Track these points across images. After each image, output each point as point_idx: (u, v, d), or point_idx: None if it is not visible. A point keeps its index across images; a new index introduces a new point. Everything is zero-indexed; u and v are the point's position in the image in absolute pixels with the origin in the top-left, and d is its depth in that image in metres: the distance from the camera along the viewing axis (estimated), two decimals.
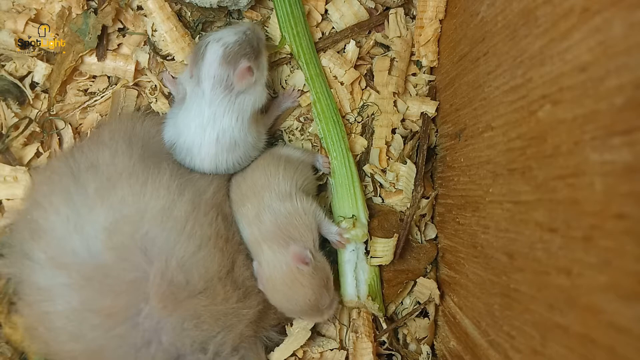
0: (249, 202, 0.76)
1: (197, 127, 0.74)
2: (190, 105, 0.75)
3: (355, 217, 0.81)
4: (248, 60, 0.73)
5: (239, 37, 0.74)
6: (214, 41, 0.73)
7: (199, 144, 0.74)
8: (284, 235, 0.73)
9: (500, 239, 0.61)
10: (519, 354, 0.55)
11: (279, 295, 0.73)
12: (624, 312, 0.40)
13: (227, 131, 0.74)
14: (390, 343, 0.83)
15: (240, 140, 0.76)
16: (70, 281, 0.63)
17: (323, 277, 0.73)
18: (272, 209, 0.75)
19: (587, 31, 0.44)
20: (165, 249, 0.65)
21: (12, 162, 0.79)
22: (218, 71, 0.72)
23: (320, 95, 0.84)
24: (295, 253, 0.71)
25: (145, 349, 0.64)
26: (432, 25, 0.86)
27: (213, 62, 0.72)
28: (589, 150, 0.44)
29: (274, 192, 0.76)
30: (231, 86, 0.73)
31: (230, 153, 0.76)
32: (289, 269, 0.71)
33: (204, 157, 0.75)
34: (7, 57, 0.81)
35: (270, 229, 0.74)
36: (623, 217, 0.40)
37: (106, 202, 0.65)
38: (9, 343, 0.74)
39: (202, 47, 0.73)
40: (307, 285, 0.71)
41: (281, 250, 0.72)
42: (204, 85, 0.73)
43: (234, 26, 0.79)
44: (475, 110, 0.71)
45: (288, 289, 0.72)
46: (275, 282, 0.72)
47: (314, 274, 0.71)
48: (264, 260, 0.73)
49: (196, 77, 0.73)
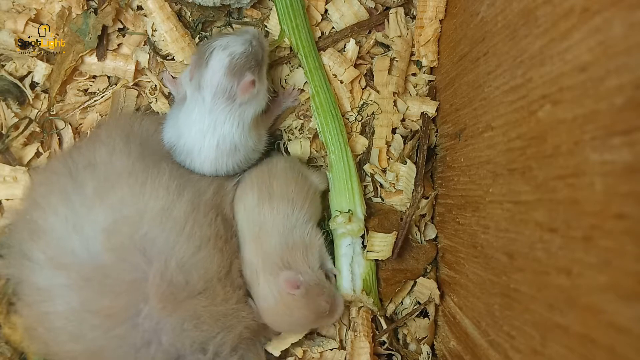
0: (263, 221, 0.75)
1: (197, 132, 0.73)
2: (190, 109, 0.74)
3: (352, 211, 0.81)
4: (252, 73, 0.72)
5: (246, 47, 0.72)
6: (220, 48, 0.71)
7: (199, 148, 0.74)
8: (280, 263, 0.73)
9: (500, 239, 0.61)
10: (519, 354, 0.55)
11: (280, 323, 0.74)
12: (624, 312, 0.40)
13: (228, 137, 0.74)
14: (390, 343, 0.83)
15: (240, 145, 0.76)
16: (69, 282, 0.63)
17: (318, 292, 0.73)
18: (278, 235, 0.74)
19: (587, 31, 0.44)
20: (164, 250, 0.65)
21: (12, 162, 0.79)
22: (222, 81, 0.71)
23: (319, 89, 0.84)
24: (286, 280, 0.71)
25: (145, 350, 0.63)
26: (432, 25, 0.86)
27: (217, 71, 0.71)
28: (589, 150, 0.44)
29: (284, 219, 0.75)
30: (233, 97, 0.72)
31: (230, 157, 0.76)
32: (281, 296, 0.71)
33: (204, 161, 0.75)
34: (7, 57, 0.81)
35: (269, 251, 0.73)
36: (623, 217, 0.40)
37: (105, 202, 0.65)
38: (8, 343, 0.74)
39: (207, 52, 0.72)
40: (302, 307, 0.72)
41: (273, 280, 0.72)
42: (204, 93, 0.72)
43: (240, 33, 0.76)
44: (475, 110, 0.71)
45: (286, 316, 0.73)
46: (272, 313, 0.73)
47: (307, 295, 0.72)
48: (259, 293, 0.73)
49: (197, 81, 0.72)
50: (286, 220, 0.75)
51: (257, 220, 0.75)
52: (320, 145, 0.86)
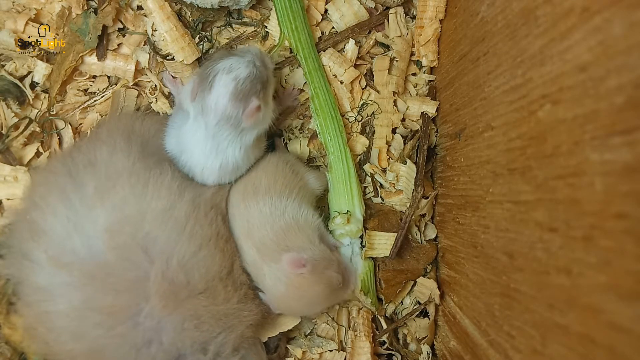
0: (250, 214, 0.74)
1: (200, 153, 0.73)
2: (193, 130, 0.73)
3: (350, 212, 0.81)
4: (258, 97, 0.70)
5: (250, 70, 0.69)
6: (224, 72, 0.69)
7: (202, 168, 0.74)
8: (278, 248, 0.71)
9: (500, 239, 0.61)
10: (519, 353, 0.55)
11: (296, 307, 0.73)
12: (624, 312, 0.40)
13: (231, 160, 0.73)
14: (390, 343, 0.83)
15: (242, 164, 0.76)
16: (71, 279, 0.63)
17: (326, 265, 0.71)
18: (267, 222, 0.73)
19: (587, 31, 0.44)
20: (166, 249, 0.65)
21: (12, 162, 0.79)
22: (227, 108, 0.69)
23: (318, 90, 0.84)
24: (289, 260, 0.70)
25: (146, 349, 0.64)
26: (432, 25, 0.86)
27: (222, 97, 0.68)
28: (589, 150, 0.44)
29: (271, 208, 0.74)
30: (238, 123, 0.70)
31: (233, 174, 0.76)
32: (290, 280, 0.70)
33: (207, 177, 0.75)
34: (7, 57, 0.81)
35: (264, 241, 0.72)
36: (623, 217, 0.40)
37: (107, 202, 0.65)
38: (8, 343, 0.74)
39: (211, 76, 0.69)
40: (314, 284, 0.70)
41: (277, 266, 0.71)
42: (208, 118, 0.70)
43: (241, 53, 0.73)
44: (475, 110, 0.71)
45: (300, 298, 0.71)
46: (286, 299, 0.71)
47: (315, 270, 0.70)
48: (267, 285, 0.72)
49: (199, 105, 0.70)
50: (273, 208, 0.73)
51: (244, 215, 0.74)
52: (320, 145, 0.86)
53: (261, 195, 0.75)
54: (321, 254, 0.72)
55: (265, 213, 0.73)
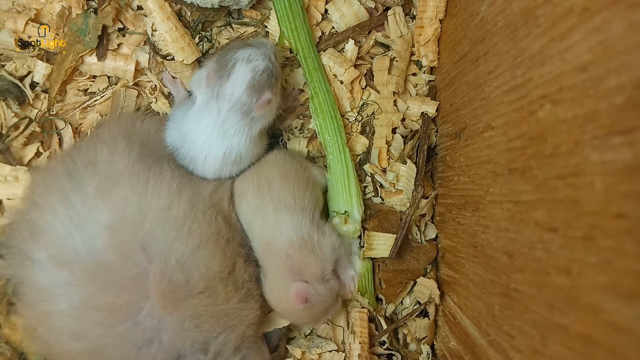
0: (266, 211, 0.74)
1: (204, 141, 0.73)
2: (201, 116, 0.74)
3: (348, 213, 0.81)
4: (270, 91, 0.73)
5: (267, 64, 0.72)
6: (243, 61, 0.71)
7: (204, 157, 0.74)
8: (291, 267, 0.72)
9: (500, 239, 0.61)
10: (519, 353, 0.55)
11: (280, 310, 0.75)
12: (624, 312, 0.40)
13: (235, 149, 0.75)
14: (390, 343, 0.83)
15: (245, 155, 0.76)
16: (72, 278, 0.63)
17: (321, 305, 0.73)
18: (290, 232, 0.73)
19: (587, 31, 0.44)
20: (165, 248, 0.65)
21: (12, 162, 0.79)
22: (242, 96, 0.71)
23: (318, 90, 0.84)
24: (296, 292, 0.70)
25: (147, 348, 0.64)
26: (432, 25, 0.86)
27: (240, 85, 0.71)
28: (589, 150, 0.44)
29: (297, 215, 0.74)
30: (250, 112, 0.72)
31: (235, 166, 0.77)
32: (289, 303, 0.71)
33: (208, 168, 0.75)
34: (7, 57, 0.81)
35: (280, 251, 0.72)
36: (623, 217, 0.40)
37: (107, 202, 0.65)
38: (8, 343, 0.74)
39: (230, 64, 0.71)
40: (303, 315, 0.73)
41: (285, 280, 0.71)
42: (222, 103, 0.71)
43: (257, 45, 0.75)
44: (475, 110, 0.71)
45: (289, 313, 0.75)
46: (276, 303, 0.74)
47: (312, 307, 0.72)
48: (269, 277, 0.73)
49: (214, 90, 0.72)
50: (292, 214, 0.74)
51: (260, 208, 0.75)
52: (320, 145, 0.86)
53: (276, 191, 0.75)
54: (325, 293, 0.73)
55: (282, 218, 0.73)
